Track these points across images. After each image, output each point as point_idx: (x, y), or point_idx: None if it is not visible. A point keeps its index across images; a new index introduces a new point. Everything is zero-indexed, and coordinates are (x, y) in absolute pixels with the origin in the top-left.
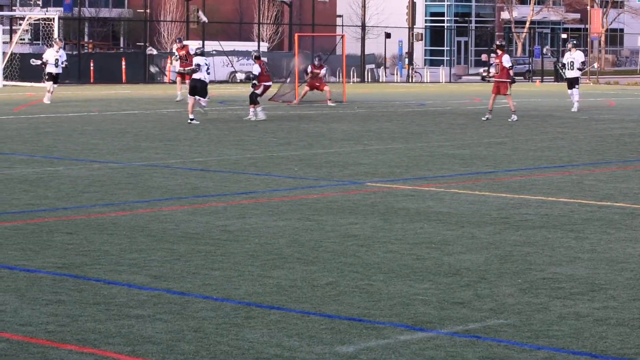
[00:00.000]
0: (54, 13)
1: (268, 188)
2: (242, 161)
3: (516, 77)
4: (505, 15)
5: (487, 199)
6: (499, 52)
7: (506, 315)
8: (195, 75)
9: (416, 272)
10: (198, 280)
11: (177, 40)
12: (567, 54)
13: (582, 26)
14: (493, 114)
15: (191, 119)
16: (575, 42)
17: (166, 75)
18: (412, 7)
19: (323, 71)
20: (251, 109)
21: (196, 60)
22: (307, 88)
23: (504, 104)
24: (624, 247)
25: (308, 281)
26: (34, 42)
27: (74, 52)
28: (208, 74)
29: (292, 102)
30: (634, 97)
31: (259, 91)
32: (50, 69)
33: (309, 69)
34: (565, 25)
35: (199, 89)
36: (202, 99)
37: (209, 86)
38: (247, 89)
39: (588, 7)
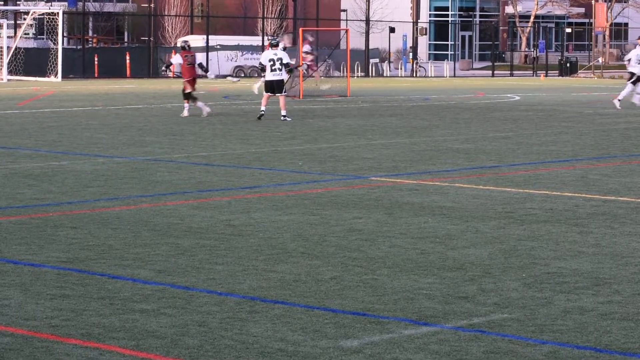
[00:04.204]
0: (58, 8)
1: (272, 182)
2: (247, 156)
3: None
4: (509, 9)
5: (492, 194)
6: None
7: (510, 310)
8: (267, 77)
9: (420, 266)
10: (202, 275)
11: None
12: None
13: (586, 20)
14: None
15: (284, 116)
16: None
17: (171, 70)
18: (417, 1)
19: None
20: (185, 104)
21: (263, 58)
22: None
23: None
24: (629, 242)
25: (312, 276)
26: (38, 36)
27: (78, 47)
28: (276, 70)
29: (296, 96)
30: None
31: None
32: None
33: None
34: (570, 20)
35: (275, 87)
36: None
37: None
38: (248, 83)
39: (592, 1)
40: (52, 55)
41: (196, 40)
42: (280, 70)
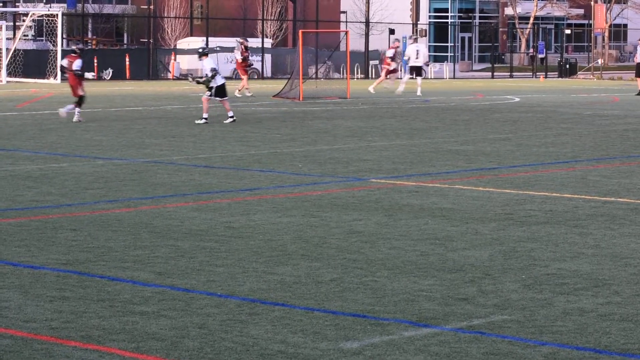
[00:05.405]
0: (58, 9)
1: (272, 184)
2: (246, 158)
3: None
4: (509, 11)
5: (491, 195)
6: None
7: (510, 311)
8: (213, 83)
9: (420, 268)
10: (202, 277)
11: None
12: None
13: (585, 22)
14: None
15: (231, 116)
16: None
17: (170, 72)
18: (416, 3)
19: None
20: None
21: (208, 64)
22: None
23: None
24: (628, 243)
25: (312, 277)
26: (38, 38)
27: None
28: (220, 74)
29: (295, 98)
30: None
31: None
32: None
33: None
34: (569, 21)
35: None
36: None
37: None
38: (252, 86)
39: (592, 3)
40: (51, 57)
41: (196, 42)
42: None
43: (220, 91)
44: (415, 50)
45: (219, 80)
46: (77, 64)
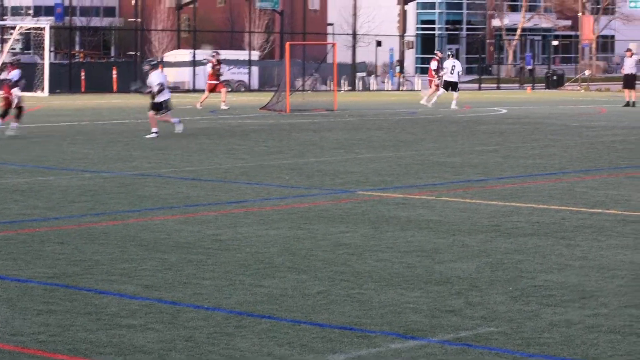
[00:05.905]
0: (45, 22)
1: (259, 197)
2: (233, 170)
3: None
4: (496, 22)
5: (478, 207)
6: None
7: (497, 323)
8: (158, 98)
9: (407, 280)
10: (189, 290)
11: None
12: None
13: (573, 33)
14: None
15: (157, 132)
16: None
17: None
18: (403, 15)
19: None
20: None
21: (155, 78)
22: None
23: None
24: (615, 254)
25: (299, 290)
26: (25, 51)
27: (65, 62)
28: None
29: (283, 111)
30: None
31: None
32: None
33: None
34: (557, 33)
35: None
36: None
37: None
38: (239, 98)
39: (579, 14)
40: (38, 70)
41: (183, 55)
42: None
43: (170, 105)
44: (451, 66)
45: (167, 95)
46: (13, 73)
